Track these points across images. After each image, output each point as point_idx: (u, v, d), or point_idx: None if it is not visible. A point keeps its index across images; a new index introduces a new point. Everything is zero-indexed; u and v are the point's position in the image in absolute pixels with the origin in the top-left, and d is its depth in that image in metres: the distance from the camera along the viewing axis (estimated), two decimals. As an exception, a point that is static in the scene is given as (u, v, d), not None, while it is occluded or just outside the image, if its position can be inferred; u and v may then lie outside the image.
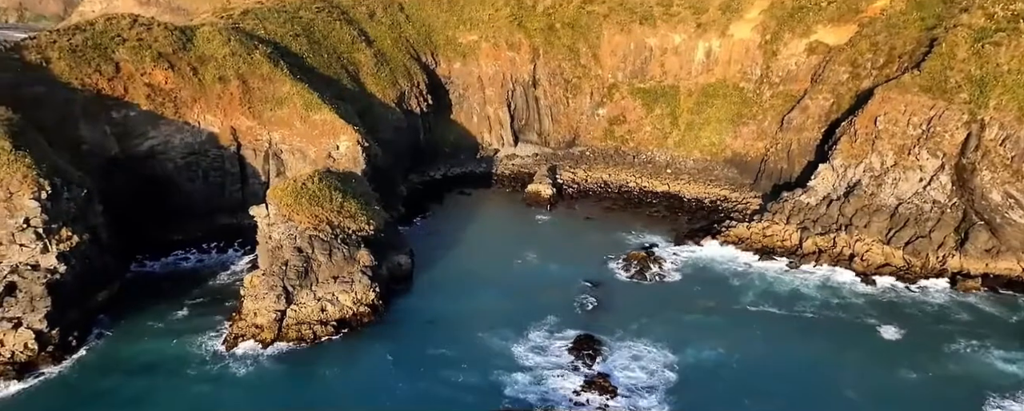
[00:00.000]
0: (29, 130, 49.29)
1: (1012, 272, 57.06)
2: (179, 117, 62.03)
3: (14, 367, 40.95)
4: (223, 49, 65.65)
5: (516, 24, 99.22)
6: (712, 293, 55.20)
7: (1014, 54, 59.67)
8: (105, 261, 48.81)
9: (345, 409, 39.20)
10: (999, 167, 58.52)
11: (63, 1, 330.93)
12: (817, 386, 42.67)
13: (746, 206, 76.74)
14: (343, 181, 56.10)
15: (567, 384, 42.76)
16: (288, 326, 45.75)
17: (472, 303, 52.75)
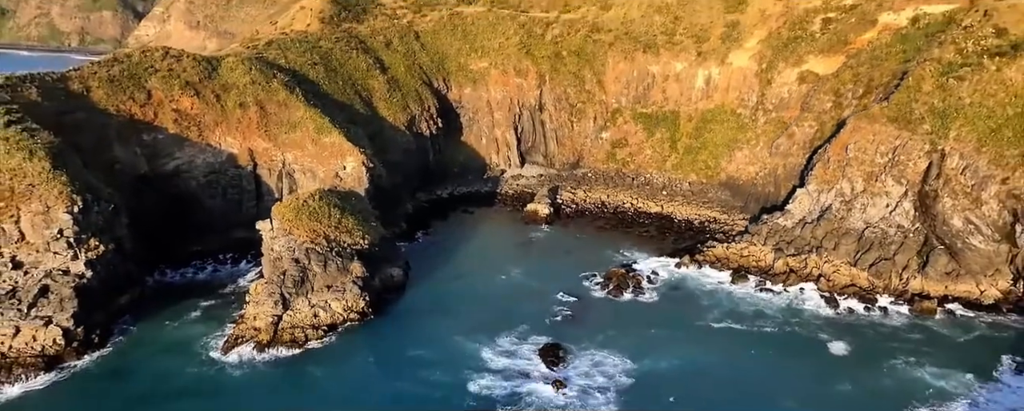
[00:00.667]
0: (67, 151, 55.22)
1: (971, 294, 59.06)
2: (202, 139, 67.88)
3: (43, 359, 46.39)
4: (244, 78, 71.54)
5: (524, 52, 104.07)
6: (681, 310, 58.41)
7: (976, 88, 62.05)
8: (128, 268, 54.35)
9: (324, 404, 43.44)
10: (960, 194, 60.78)
11: (120, 25, 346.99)
12: (756, 393, 45.65)
13: (732, 228, 79.61)
14: (343, 199, 61.00)
15: (528, 385, 46.54)
16: (283, 329, 50.50)
17: (455, 312, 56.85)
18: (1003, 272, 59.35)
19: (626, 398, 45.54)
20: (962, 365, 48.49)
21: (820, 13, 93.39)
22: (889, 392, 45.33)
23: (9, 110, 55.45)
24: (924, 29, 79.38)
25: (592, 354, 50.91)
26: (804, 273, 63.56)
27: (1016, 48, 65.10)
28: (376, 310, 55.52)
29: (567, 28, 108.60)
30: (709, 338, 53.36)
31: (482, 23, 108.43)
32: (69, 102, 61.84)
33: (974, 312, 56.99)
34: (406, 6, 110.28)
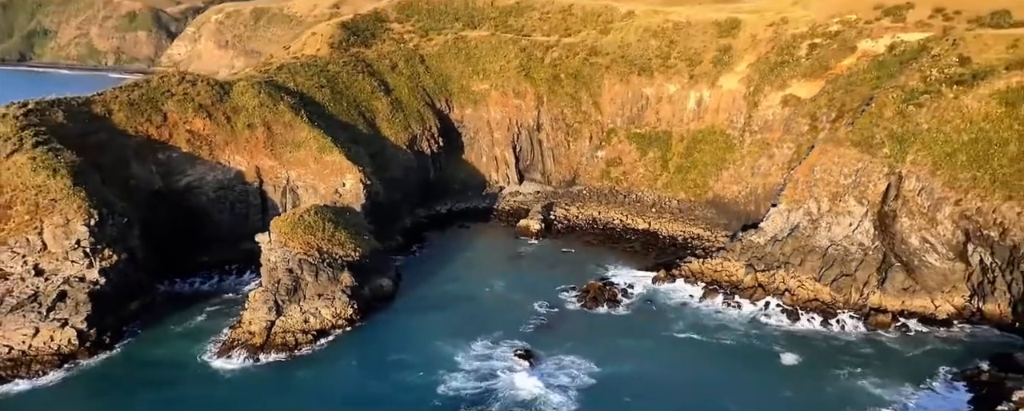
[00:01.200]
0: (87, 169, 60.31)
1: (926, 309, 61.51)
2: (213, 158, 72.90)
3: (59, 357, 51.10)
4: (253, 100, 76.59)
5: (524, 75, 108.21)
6: (649, 321, 61.64)
7: (933, 114, 64.80)
8: (139, 276, 59.13)
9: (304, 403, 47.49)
10: (916, 215, 63.44)
11: (154, 44, 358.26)
12: (703, 396, 48.81)
13: (713, 244, 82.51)
14: (338, 214, 65.41)
15: (495, 384, 50.24)
16: (275, 334, 54.73)
17: (438, 319, 60.68)
18: (958, 288, 61.70)
19: (585, 396, 49.01)
20: (902, 376, 51.06)
21: (807, 39, 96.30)
22: (827, 399, 48.13)
23: (37, 132, 60.79)
24: (899, 56, 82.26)
25: (559, 359, 54.43)
26: (771, 288, 66.38)
27: (976, 77, 67.77)
28: (364, 317, 59.58)
29: (566, 51, 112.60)
30: (670, 348, 56.53)
31: (485, 47, 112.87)
32: (92, 124, 67.20)
33: (927, 327, 59.36)
34: (413, 31, 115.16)
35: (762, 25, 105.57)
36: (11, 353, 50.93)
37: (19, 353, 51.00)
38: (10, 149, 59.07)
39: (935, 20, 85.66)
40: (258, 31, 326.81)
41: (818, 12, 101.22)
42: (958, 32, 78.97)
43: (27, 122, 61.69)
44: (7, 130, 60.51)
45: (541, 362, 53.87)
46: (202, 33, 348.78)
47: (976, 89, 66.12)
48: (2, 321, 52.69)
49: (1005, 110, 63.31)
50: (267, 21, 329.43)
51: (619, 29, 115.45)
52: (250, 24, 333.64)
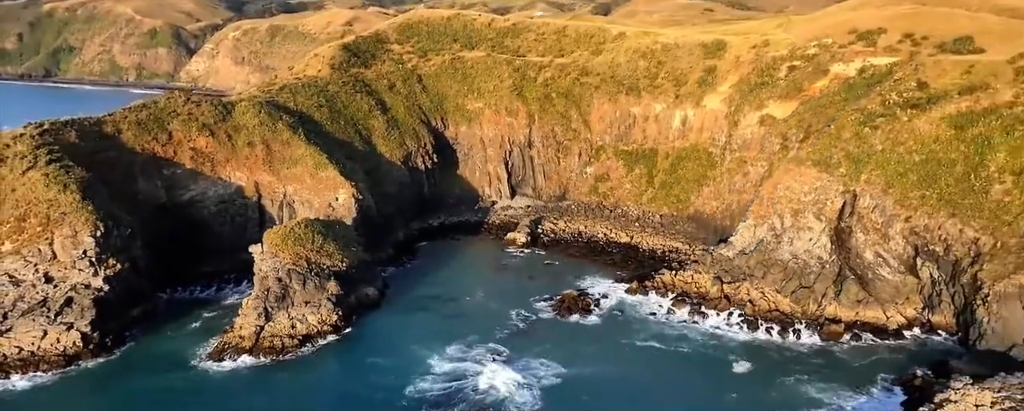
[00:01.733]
0: (96, 185, 64.78)
1: (878, 320, 64.35)
2: (214, 174, 77.36)
3: (64, 358, 55.26)
4: (254, 120, 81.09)
5: (516, 94, 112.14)
6: (617, 330, 64.90)
7: (887, 136, 67.94)
8: (140, 284, 63.38)
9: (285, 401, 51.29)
10: (870, 231, 66.45)
11: (173, 61, 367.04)
12: (653, 398, 52.20)
13: (688, 257, 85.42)
14: (327, 227, 69.43)
15: (464, 385, 53.79)
16: (264, 338, 58.62)
17: (418, 326, 64.35)
18: (910, 300, 64.65)
19: (547, 395, 52.47)
20: (844, 381, 53.97)
21: (786, 61, 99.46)
22: (770, 402, 51.16)
23: (51, 150, 65.48)
24: (868, 79, 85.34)
25: (528, 362, 57.93)
26: (736, 299, 69.47)
27: (931, 101, 70.90)
28: (349, 323, 63.40)
29: (558, 71, 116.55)
30: (631, 354, 59.80)
31: (480, 67, 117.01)
32: (102, 142, 71.91)
33: (879, 337, 62.17)
34: (413, 52, 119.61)
35: (746, 47, 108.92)
36: (21, 353, 55.18)
37: (28, 353, 55.25)
38: (26, 166, 63.72)
39: (904, 45, 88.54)
40: (273, 47, 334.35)
41: (799, 35, 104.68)
42: (921, 58, 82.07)
43: (42, 141, 66.41)
44: (24, 149, 65.22)
45: (510, 365, 57.32)
46: (220, 50, 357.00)
47: (929, 112, 69.24)
48: (14, 324, 57.04)
49: (954, 133, 66.33)
50: (282, 38, 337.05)
51: (610, 50, 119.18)
52: (266, 41, 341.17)
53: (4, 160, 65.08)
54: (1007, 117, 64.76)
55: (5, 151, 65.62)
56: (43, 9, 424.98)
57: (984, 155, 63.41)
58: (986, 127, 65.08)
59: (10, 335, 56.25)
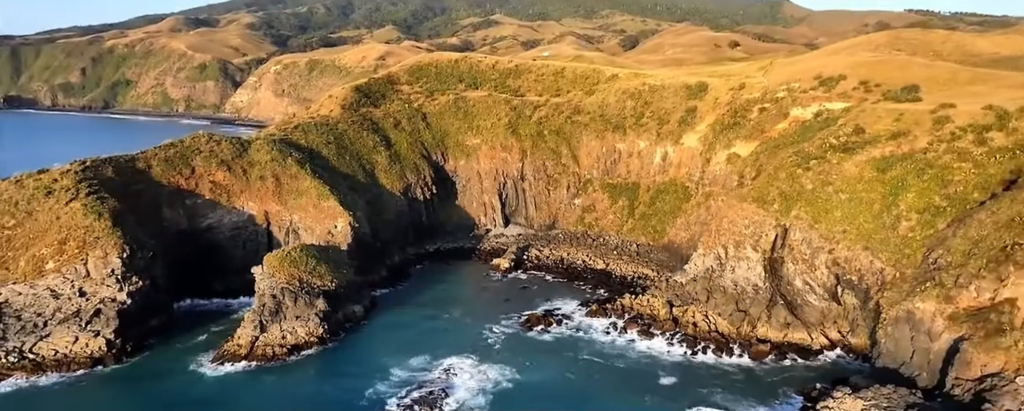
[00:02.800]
0: (125, 213, 75.06)
1: (804, 341, 70.26)
2: (230, 204, 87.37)
3: (90, 360, 64.69)
4: (266, 156, 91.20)
5: (511, 131, 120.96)
6: (569, 345, 72.05)
7: (818, 177, 74.45)
8: (159, 299, 73.05)
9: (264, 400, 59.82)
10: (799, 261, 72.79)
11: (220, 93, 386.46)
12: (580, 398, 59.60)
13: (654, 283, 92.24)
14: (322, 251, 78.50)
15: (422, 390, 61.66)
16: (258, 347, 67.42)
17: (394, 339, 72.39)
18: (835, 324, 70.69)
19: (497, 397, 60.03)
20: (754, 393, 60.21)
21: (757, 103, 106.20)
22: (675, 407, 57.99)
23: (91, 184, 76.09)
24: (821, 123, 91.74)
25: (484, 368, 65.63)
26: (682, 321, 76.06)
27: (863, 145, 77.25)
28: (334, 336, 71.86)
29: (553, 110, 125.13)
30: (574, 366, 66.94)
31: (481, 106, 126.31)
32: (134, 177, 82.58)
33: (801, 356, 68.13)
34: (421, 92, 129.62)
35: (726, 89, 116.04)
36: (56, 355, 64.89)
37: (62, 355, 64.94)
38: (69, 198, 74.39)
39: (857, 92, 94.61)
40: (311, 81, 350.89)
41: (774, 79, 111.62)
42: (867, 104, 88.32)
43: (83, 176, 77.16)
44: (68, 183, 76.01)
45: (470, 372, 65.04)
46: (262, 82, 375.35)
47: (856, 156, 75.65)
48: (52, 331, 66.98)
49: (875, 174, 72.60)
50: (319, 72, 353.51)
51: (602, 91, 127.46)
52: (304, 74, 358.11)
53: (52, 193, 75.85)
54: (920, 161, 70.84)
55: (53, 185, 76.41)
56: (105, 45, 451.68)
57: (897, 195, 69.49)
58: (902, 170, 71.21)
59: (48, 339, 66.05)
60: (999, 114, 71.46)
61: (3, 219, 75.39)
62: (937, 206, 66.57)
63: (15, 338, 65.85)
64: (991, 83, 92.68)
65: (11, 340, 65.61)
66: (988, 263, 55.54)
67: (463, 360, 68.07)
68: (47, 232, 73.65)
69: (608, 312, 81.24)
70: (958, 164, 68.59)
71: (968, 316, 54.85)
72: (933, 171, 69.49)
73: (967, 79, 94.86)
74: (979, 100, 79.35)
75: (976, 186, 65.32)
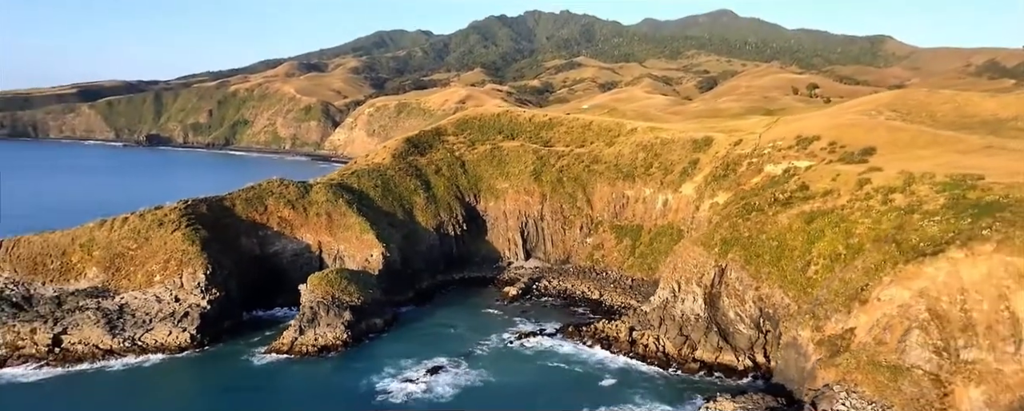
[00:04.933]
0: (212, 241, 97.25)
1: (731, 363, 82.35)
2: (292, 235, 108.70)
3: (179, 348, 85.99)
4: (322, 197, 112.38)
5: (534, 177, 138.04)
6: (539, 356, 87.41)
7: (754, 226, 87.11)
8: (231, 307, 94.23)
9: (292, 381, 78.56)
10: (733, 296, 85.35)
11: (321, 132, 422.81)
12: (537, 392, 74.54)
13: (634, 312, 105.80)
14: (354, 274, 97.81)
15: (407, 386, 78.62)
16: (296, 345, 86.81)
17: (405, 347, 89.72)
18: (757, 350, 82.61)
19: (466, 390, 76.02)
20: (668, 397, 73.41)
21: (747, 158, 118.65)
22: (602, 401, 72.17)
23: (189, 218, 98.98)
24: (786, 178, 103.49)
25: (466, 369, 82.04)
26: (639, 343, 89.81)
27: (801, 200, 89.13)
28: (357, 342, 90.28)
29: (574, 159, 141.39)
30: (539, 370, 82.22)
31: (512, 154, 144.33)
32: (222, 213, 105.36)
33: (726, 375, 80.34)
34: (463, 142, 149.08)
35: (727, 144, 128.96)
36: (156, 343, 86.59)
37: (159, 343, 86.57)
38: (173, 228, 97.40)
39: (824, 152, 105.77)
40: (399, 121, 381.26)
41: (765, 137, 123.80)
42: (822, 164, 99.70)
43: (184, 212, 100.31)
44: (174, 217, 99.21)
45: (449, 373, 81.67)
46: (357, 123, 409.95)
47: (790, 209, 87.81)
48: (155, 326, 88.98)
49: (801, 225, 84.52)
50: (406, 114, 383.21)
51: (621, 142, 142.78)
52: (393, 116, 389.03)
53: (163, 224, 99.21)
54: (836, 216, 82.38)
55: (164, 218, 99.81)
56: (230, 90, 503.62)
57: (813, 243, 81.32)
58: (821, 222, 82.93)
59: (152, 331, 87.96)
60: (907, 178, 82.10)
61: (129, 243, 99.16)
62: (838, 253, 78.08)
63: (130, 329, 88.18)
64: (944, 147, 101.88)
65: (128, 331, 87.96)
66: (846, 300, 67.43)
67: (453, 363, 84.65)
68: (157, 253, 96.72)
69: (582, 333, 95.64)
70: (862, 219, 79.81)
71: (828, 341, 66.78)
72: (844, 225, 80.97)
73: (924, 143, 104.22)
74: (916, 163, 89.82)
75: (870, 238, 76.48)
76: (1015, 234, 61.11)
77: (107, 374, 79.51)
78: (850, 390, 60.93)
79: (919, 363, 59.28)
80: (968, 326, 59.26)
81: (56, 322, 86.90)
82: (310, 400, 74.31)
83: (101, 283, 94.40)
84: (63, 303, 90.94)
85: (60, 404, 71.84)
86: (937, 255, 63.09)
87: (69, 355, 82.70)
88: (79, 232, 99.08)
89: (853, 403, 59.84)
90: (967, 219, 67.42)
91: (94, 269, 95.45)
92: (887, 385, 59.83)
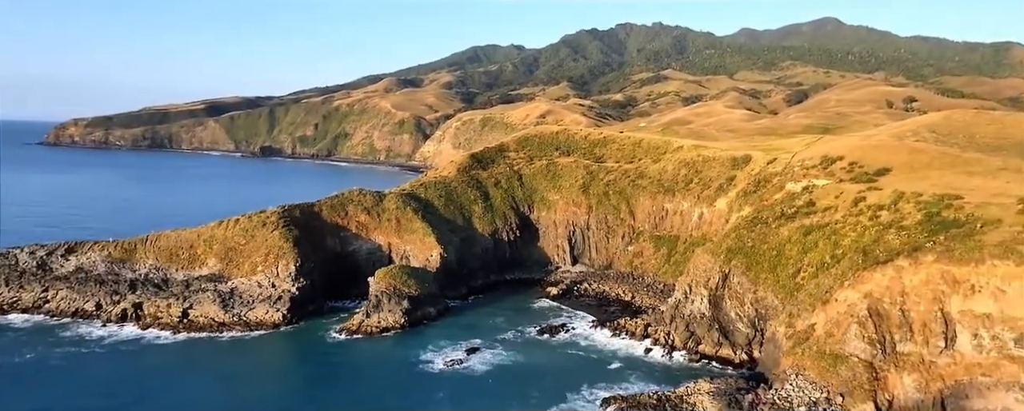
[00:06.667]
0: (302, 239, 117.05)
1: (729, 356, 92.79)
2: (367, 237, 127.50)
3: (273, 325, 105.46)
4: (393, 205, 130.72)
5: (583, 190, 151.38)
6: (564, 344, 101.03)
7: (756, 237, 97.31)
8: (314, 294, 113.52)
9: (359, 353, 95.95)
10: (734, 298, 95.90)
11: (412, 145, 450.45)
12: (550, 374, 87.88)
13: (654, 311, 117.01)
14: (414, 271, 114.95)
15: (451, 359, 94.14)
16: (363, 326, 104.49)
17: (450, 331, 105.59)
18: (753, 345, 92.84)
19: (496, 369, 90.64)
20: (664, 378, 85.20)
21: (777, 176, 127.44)
22: (607, 379, 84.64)
23: (285, 220, 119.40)
24: (804, 195, 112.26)
25: (498, 352, 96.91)
26: (653, 336, 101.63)
27: (804, 215, 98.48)
28: (412, 326, 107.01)
29: (620, 174, 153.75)
30: (560, 354, 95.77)
31: (565, 169, 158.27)
32: (312, 216, 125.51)
33: (722, 365, 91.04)
34: (523, 158, 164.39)
35: (763, 162, 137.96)
36: (257, 319, 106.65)
37: (259, 320, 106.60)
38: (272, 228, 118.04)
39: (842, 171, 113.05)
40: (483, 135, 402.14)
41: (798, 156, 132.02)
42: (834, 182, 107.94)
43: (282, 215, 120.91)
44: (273, 219, 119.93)
45: (483, 354, 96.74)
46: (445, 136, 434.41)
47: (792, 223, 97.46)
48: (255, 306, 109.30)
49: (799, 237, 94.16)
50: (490, 128, 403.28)
51: (666, 159, 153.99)
52: (477, 130, 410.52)
53: (265, 225, 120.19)
54: (829, 229, 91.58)
55: (266, 220, 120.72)
56: (333, 105, 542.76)
57: (806, 253, 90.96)
58: (816, 235, 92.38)
59: (253, 310, 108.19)
60: (896, 197, 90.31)
61: (239, 239, 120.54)
62: (825, 262, 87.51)
63: (238, 307, 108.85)
64: (958, 168, 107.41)
65: (236, 308, 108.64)
66: (814, 301, 77.51)
67: (488, 345, 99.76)
68: (260, 248, 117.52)
69: (605, 327, 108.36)
70: (850, 233, 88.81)
71: (797, 335, 77.11)
72: (834, 237, 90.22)
73: (940, 164, 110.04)
74: (917, 183, 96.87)
75: (852, 249, 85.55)
76: (955, 247, 69.76)
77: (220, 341, 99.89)
78: (799, 373, 71.23)
79: (856, 352, 68.99)
80: (905, 323, 68.51)
81: (184, 299, 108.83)
82: (370, 368, 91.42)
83: (218, 271, 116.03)
84: (190, 285, 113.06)
85: (187, 360, 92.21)
86: (887, 263, 72.43)
87: (193, 325, 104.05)
88: (203, 230, 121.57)
89: (799, 383, 70.21)
90: (925, 233, 76.03)
91: (213, 259, 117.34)
92: (828, 370, 69.81)
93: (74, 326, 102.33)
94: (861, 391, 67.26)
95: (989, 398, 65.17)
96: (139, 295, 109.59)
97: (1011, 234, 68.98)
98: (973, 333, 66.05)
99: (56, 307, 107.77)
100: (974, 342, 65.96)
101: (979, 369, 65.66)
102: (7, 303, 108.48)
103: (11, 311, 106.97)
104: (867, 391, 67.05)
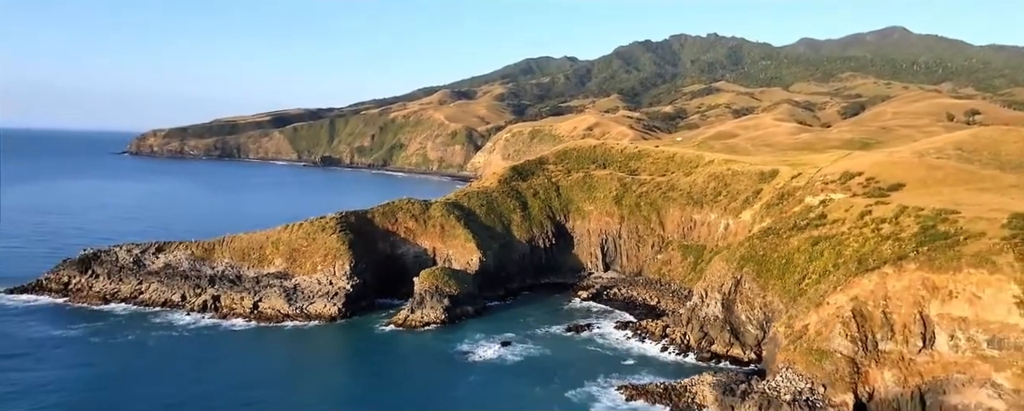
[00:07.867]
0: (357, 242, 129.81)
1: (739, 356, 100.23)
2: (414, 241, 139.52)
3: (329, 318, 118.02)
4: (438, 213, 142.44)
5: (616, 201, 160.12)
6: (585, 342, 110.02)
7: (768, 247, 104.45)
8: (367, 292, 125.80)
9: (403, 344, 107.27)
10: (745, 303, 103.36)
11: (464, 155, 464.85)
12: (570, 366, 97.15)
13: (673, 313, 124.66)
14: (454, 273, 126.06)
15: (482, 350, 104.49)
16: (407, 321, 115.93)
17: (485, 327, 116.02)
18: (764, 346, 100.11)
19: (523, 359, 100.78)
20: (670, 374, 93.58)
21: (799, 190, 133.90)
22: (619, 373, 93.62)
23: (341, 225, 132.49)
24: (821, 208, 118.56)
25: (525, 346, 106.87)
26: (671, 336, 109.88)
27: (815, 227, 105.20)
28: (451, 323, 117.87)
29: (652, 187, 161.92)
30: (580, 351, 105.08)
31: (600, 181, 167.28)
32: (365, 222, 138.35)
33: (732, 364, 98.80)
34: (561, 170, 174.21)
35: (788, 176, 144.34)
36: (316, 312, 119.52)
37: (318, 313, 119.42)
38: (331, 232, 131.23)
39: (858, 186, 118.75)
40: (531, 146, 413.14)
41: (822, 171, 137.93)
42: (848, 197, 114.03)
43: (339, 220, 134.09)
44: (331, 224, 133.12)
45: (512, 347, 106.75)
46: (495, 147, 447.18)
47: (802, 234, 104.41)
48: (315, 300, 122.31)
49: (807, 247, 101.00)
50: (538, 139, 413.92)
51: (697, 173, 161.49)
52: (526, 141, 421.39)
53: (324, 229, 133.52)
54: (835, 240, 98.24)
55: (325, 225, 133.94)
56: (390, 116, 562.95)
57: (812, 262, 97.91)
58: (823, 245, 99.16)
59: (313, 304, 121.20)
60: (898, 211, 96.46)
61: (302, 241, 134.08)
62: (828, 270, 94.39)
63: (300, 301, 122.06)
64: (970, 185, 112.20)
65: (298, 302, 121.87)
66: (811, 304, 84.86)
67: (519, 340, 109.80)
68: (319, 249, 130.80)
69: (627, 327, 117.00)
70: (853, 243, 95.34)
71: (793, 335, 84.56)
72: (838, 247, 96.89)
73: (953, 181, 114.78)
74: (924, 199, 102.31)
75: (854, 260, 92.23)
76: (936, 256, 76.40)
77: (284, 330, 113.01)
78: (789, 367, 78.71)
79: (839, 348, 76.17)
80: (886, 324, 75.47)
81: (255, 293, 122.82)
82: (413, 355, 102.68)
83: (283, 269, 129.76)
84: (260, 281, 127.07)
85: (258, 345, 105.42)
86: (874, 270, 79.44)
87: (262, 316, 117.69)
88: (271, 232, 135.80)
89: (789, 376, 77.71)
90: (914, 244, 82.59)
91: (279, 259, 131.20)
92: (814, 364, 77.10)
93: (164, 314, 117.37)
94: (842, 383, 74.43)
95: (964, 394, 71.58)
96: (217, 289, 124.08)
97: (988, 245, 75.18)
98: (950, 334, 72.57)
99: (148, 298, 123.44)
100: (951, 342, 72.46)
101: (955, 367, 72.12)
102: (109, 293, 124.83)
103: (112, 300, 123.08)
104: (848, 383, 74.19)
